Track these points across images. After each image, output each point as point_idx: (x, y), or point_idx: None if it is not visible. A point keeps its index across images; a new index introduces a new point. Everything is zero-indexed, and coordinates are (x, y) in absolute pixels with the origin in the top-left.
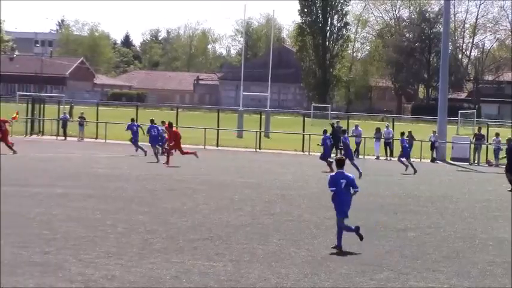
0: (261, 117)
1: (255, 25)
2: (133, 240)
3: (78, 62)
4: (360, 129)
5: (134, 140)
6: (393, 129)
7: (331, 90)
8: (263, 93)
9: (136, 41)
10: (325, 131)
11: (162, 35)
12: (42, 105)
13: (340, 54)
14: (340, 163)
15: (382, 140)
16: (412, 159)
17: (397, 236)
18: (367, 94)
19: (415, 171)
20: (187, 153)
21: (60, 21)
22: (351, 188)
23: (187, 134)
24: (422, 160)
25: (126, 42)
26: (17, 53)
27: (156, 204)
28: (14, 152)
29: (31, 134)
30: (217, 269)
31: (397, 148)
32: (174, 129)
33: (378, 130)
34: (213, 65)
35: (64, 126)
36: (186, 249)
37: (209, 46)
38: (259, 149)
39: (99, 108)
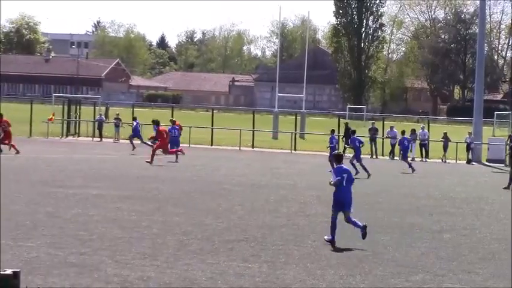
0: (296, 118)
1: (290, 26)
2: (169, 241)
3: (114, 63)
4: (395, 130)
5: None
6: (428, 131)
7: (367, 92)
8: (298, 94)
9: (172, 42)
10: (332, 131)
11: (198, 36)
12: (78, 107)
13: (376, 56)
14: (339, 158)
15: (418, 142)
16: (445, 159)
17: (433, 238)
18: (403, 95)
19: (413, 170)
20: (171, 152)
21: (96, 23)
22: (350, 182)
23: (223, 135)
24: (458, 161)
25: (162, 43)
26: (53, 54)
27: (191, 206)
28: (17, 152)
29: (67, 135)
30: (253, 270)
31: (432, 149)
32: (161, 128)
33: (413, 131)
34: (248, 66)
35: (100, 128)
36: (221, 250)
37: (244, 47)
38: (295, 150)
39: (134, 109)
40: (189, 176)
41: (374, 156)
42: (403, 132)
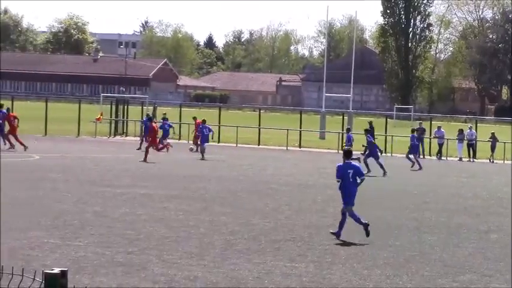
0: (343, 118)
1: (338, 26)
2: (216, 241)
3: (162, 63)
4: (442, 130)
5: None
6: (476, 131)
7: (414, 92)
8: (345, 94)
9: (219, 42)
10: (348, 130)
11: (245, 36)
12: (126, 106)
13: (423, 56)
14: (347, 154)
15: (465, 142)
16: (492, 159)
17: (480, 238)
18: (450, 95)
19: (420, 167)
20: (162, 148)
21: (143, 23)
22: (358, 177)
23: (270, 135)
24: (505, 162)
25: (209, 43)
26: (101, 54)
27: (238, 205)
28: (25, 148)
29: (115, 135)
30: (299, 270)
31: (479, 149)
32: (153, 124)
33: (461, 131)
34: (296, 66)
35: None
36: (268, 250)
37: (292, 47)
38: (342, 150)
39: (182, 109)
40: (236, 175)
41: (421, 156)
42: (412, 131)
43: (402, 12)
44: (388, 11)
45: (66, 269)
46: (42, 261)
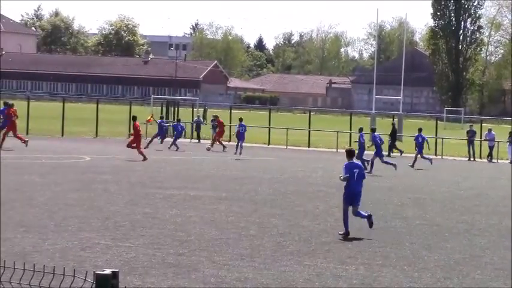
0: (393, 120)
1: (388, 28)
2: (266, 242)
3: (212, 65)
4: (493, 133)
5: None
6: None
7: (464, 94)
8: (396, 96)
9: (270, 44)
10: (360, 129)
11: (295, 38)
12: (176, 108)
13: (474, 58)
14: (350, 154)
15: None
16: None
17: None
18: (501, 98)
19: (413, 165)
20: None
21: (194, 25)
22: (361, 178)
23: (320, 137)
24: None
25: (260, 45)
26: (151, 56)
27: (288, 207)
28: (26, 143)
29: (165, 136)
30: (350, 272)
31: None
32: (136, 123)
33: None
34: (346, 68)
35: (198, 129)
36: (318, 252)
37: (342, 49)
38: (392, 152)
39: (232, 111)
40: (286, 177)
41: (472, 159)
42: (419, 130)
43: (452, 15)
44: (439, 13)
45: (117, 270)
46: (94, 262)
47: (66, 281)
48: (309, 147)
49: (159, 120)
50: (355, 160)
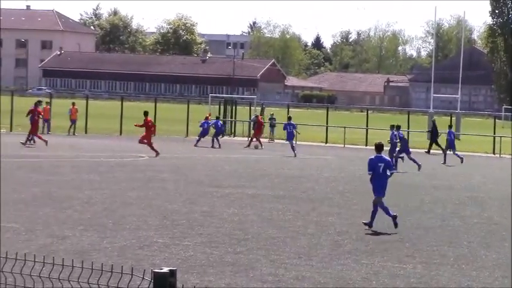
0: (451, 119)
1: (446, 26)
2: (324, 241)
3: (270, 64)
4: None
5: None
6: None
7: None
8: (453, 95)
9: (327, 43)
10: (392, 127)
11: (353, 36)
12: (234, 107)
13: None
14: (379, 148)
15: None
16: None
17: None
18: None
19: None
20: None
21: (251, 24)
22: (388, 170)
23: (378, 135)
24: None
25: (317, 44)
26: (209, 55)
27: (346, 206)
28: (46, 143)
29: (223, 135)
30: (407, 271)
31: None
32: (148, 118)
33: None
34: (404, 66)
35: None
36: (376, 250)
37: (399, 48)
38: (450, 151)
39: (289, 109)
40: (344, 176)
41: None
42: (449, 127)
43: (511, 12)
44: (497, 11)
45: (175, 268)
46: (151, 261)
47: (124, 279)
48: (366, 145)
49: (215, 120)
50: (383, 154)
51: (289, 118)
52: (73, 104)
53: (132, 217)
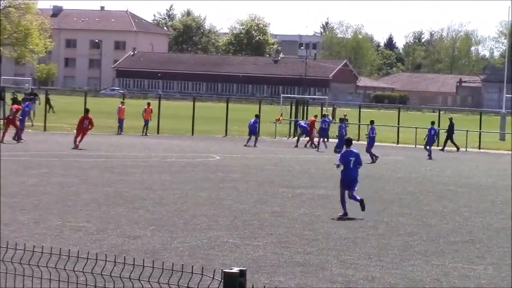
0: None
1: None
2: (394, 241)
3: (342, 64)
4: None
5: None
6: None
7: None
8: None
9: (400, 43)
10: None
11: (425, 37)
12: (305, 107)
13: None
14: (348, 142)
15: None
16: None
17: None
18: None
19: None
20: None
21: (324, 24)
22: (358, 164)
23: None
24: None
25: (390, 44)
26: (281, 55)
27: (417, 207)
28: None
29: (294, 135)
30: (478, 272)
31: None
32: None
33: None
34: (476, 67)
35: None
36: (446, 251)
37: (472, 48)
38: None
39: (361, 110)
40: (415, 176)
41: None
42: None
43: None
44: None
45: (245, 268)
46: (222, 261)
47: (194, 279)
48: (437, 146)
49: (296, 120)
50: (352, 148)
51: (344, 118)
52: (148, 104)
53: (203, 217)
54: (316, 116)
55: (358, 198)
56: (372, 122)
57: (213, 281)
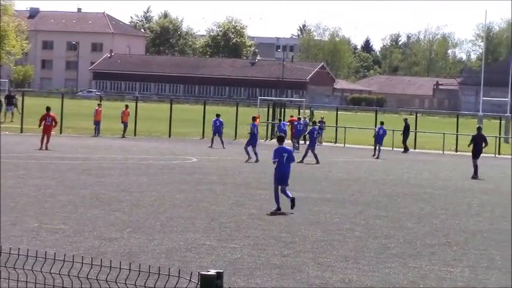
0: (500, 122)
1: (496, 29)
2: (371, 244)
3: (319, 67)
4: None
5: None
6: None
7: None
8: (503, 98)
9: (377, 45)
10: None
11: (402, 39)
12: (282, 110)
13: None
14: (280, 139)
15: None
16: None
17: None
18: None
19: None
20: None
21: (301, 26)
22: (291, 160)
23: (426, 138)
24: None
25: (367, 47)
26: (258, 57)
27: (393, 209)
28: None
29: (271, 138)
30: (455, 275)
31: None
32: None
33: None
34: (453, 69)
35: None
36: (423, 254)
37: (449, 51)
38: (499, 154)
39: (338, 112)
40: (392, 179)
41: None
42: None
43: None
44: None
45: (222, 270)
46: (199, 263)
47: (171, 281)
48: (415, 148)
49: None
50: (285, 145)
51: (382, 123)
52: (126, 106)
53: (179, 219)
54: (292, 117)
55: (290, 195)
56: (381, 123)
57: (190, 283)
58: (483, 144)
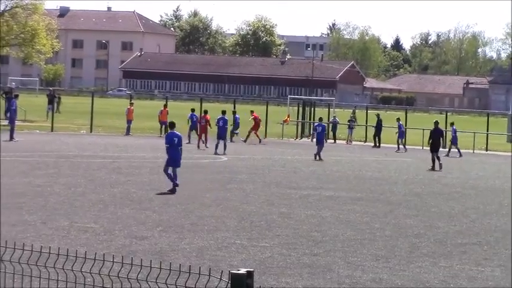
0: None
1: None
2: (401, 243)
3: (349, 65)
4: None
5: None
6: None
7: None
8: None
9: (407, 44)
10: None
11: (432, 38)
12: (312, 109)
13: None
14: (171, 125)
15: None
16: None
17: None
18: None
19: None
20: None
21: (331, 25)
22: (179, 145)
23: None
24: None
25: (396, 45)
26: (288, 56)
27: (424, 208)
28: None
29: (301, 137)
30: (485, 274)
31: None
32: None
33: None
34: (483, 68)
35: (334, 130)
36: (454, 253)
37: (479, 49)
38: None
39: (368, 111)
40: (422, 178)
41: None
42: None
43: None
44: None
45: (252, 269)
46: (229, 262)
47: (201, 280)
48: (444, 147)
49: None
50: (175, 131)
51: (398, 119)
52: (165, 106)
53: (210, 218)
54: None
55: (177, 181)
56: (398, 120)
57: (221, 282)
58: (440, 139)
